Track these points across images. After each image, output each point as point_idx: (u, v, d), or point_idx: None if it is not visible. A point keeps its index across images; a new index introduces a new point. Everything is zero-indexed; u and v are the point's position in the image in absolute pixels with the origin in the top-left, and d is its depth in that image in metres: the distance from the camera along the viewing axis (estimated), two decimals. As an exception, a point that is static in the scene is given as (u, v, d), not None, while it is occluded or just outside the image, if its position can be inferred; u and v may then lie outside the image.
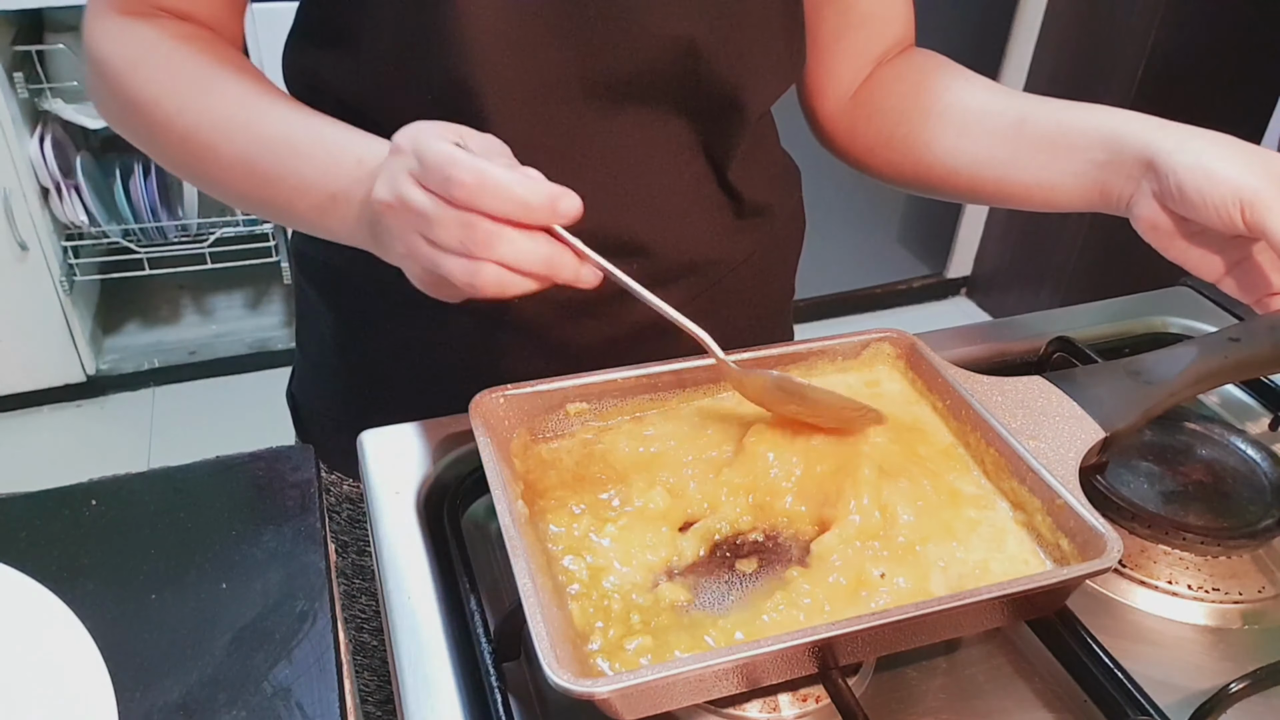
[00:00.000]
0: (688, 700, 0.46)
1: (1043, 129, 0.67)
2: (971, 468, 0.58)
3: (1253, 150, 0.58)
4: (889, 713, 0.50)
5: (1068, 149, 0.65)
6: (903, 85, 0.75)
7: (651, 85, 0.63)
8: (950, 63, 0.75)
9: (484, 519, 0.61)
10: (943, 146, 0.71)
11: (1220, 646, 0.55)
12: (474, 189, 0.46)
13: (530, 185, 0.47)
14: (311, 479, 0.61)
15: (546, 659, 0.41)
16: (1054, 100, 0.68)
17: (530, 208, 0.47)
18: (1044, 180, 0.67)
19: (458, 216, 0.47)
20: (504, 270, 0.48)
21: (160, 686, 0.49)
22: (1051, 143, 0.66)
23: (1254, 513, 0.60)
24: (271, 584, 0.55)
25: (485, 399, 0.56)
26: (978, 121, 0.70)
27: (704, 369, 0.61)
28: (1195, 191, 0.57)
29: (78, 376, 2.30)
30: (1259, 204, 0.55)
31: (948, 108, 0.72)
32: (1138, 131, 0.61)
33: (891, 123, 0.74)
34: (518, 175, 0.47)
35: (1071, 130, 0.65)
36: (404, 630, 0.51)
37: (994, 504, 0.56)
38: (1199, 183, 0.57)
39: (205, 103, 0.60)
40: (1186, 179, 0.57)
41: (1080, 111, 0.66)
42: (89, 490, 0.60)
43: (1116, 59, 2.17)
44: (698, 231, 0.70)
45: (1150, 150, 0.60)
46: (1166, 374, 0.59)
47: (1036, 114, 0.68)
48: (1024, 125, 0.68)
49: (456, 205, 0.47)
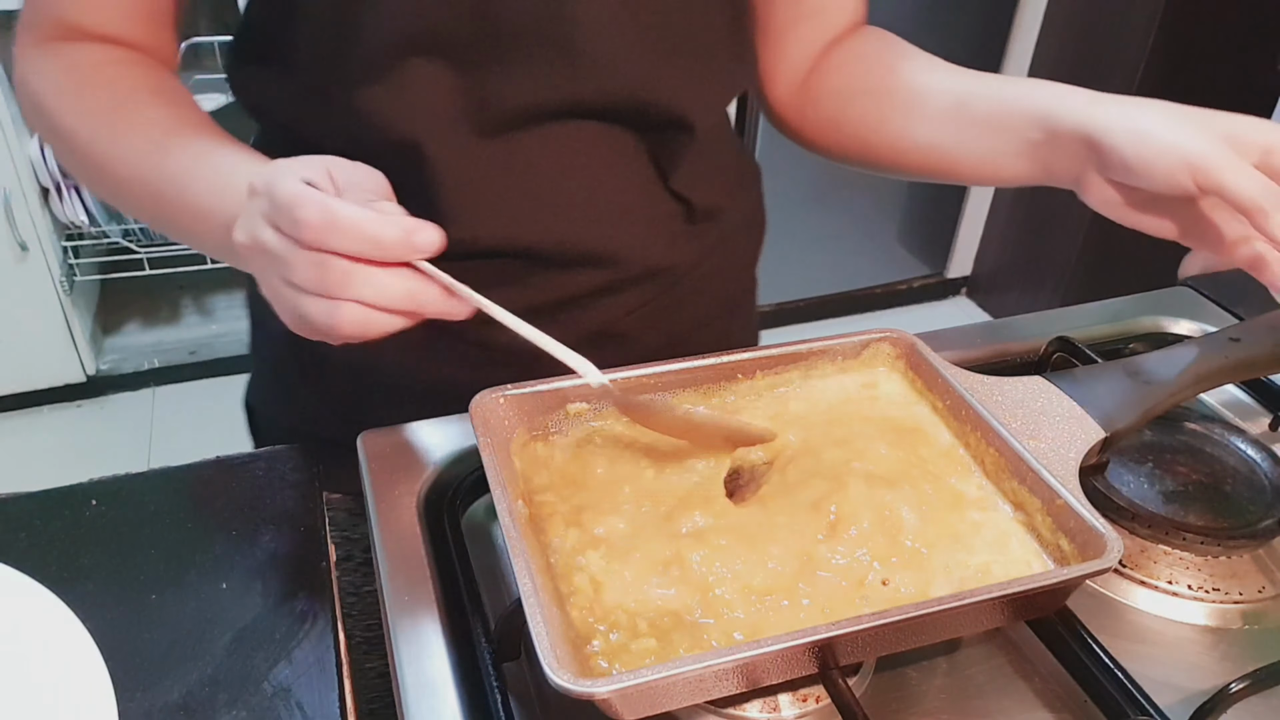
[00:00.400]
0: (688, 700, 0.46)
1: (983, 109, 0.67)
2: (972, 469, 0.58)
3: (1187, 111, 0.58)
4: (889, 713, 0.50)
5: (1007, 129, 0.66)
6: (851, 66, 0.75)
7: (594, 108, 0.63)
8: (898, 41, 0.76)
9: (484, 519, 0.61)
10: (890, 128, 0.72)
11: (1220, 646, 0.55)
12: (321, 229, 0.45)
13: (382, 222, 0.46)
14: (312, 479, 0.61)
15: (546, 659, 0.41)
16: (995, 77, 0.69)
17: (383, 245, 0.46)
18: (988, 160, 0.67)
19: (309, 257, 0.46)
20: (365, 309, 0.47)
21: (160, 686, 0.49)
22: (991, 123, 0.66)
23: (1254, 513, 0.60)
24: (271, 584, 0.55)
25: (485, 399, 0.56)
26: (923, 102, 0.70)
27: (705, 368, 0.61)
28: (1141, 163, 0.57)
29: (78, 377, 2.30)
30: (1208, 165, 0.55)
31: (894, 89, 0.72)
32: (1072, 109, 0.62)
33: (841, 104, 0.74)
34: (369, 212, 0.46)
35: (1010, 110, 0.65)
36: (404, 631, 0.51)
37: (995, 506, 0.56)
38: (1143, 154, 0.57)
39: (115, 132, 0.60)
40: (1130, 153, 0.57)
41: (1017, 89, 0.66)
42: (89, 490, 0.60)
43: (1117, 58, 2.17)
44: (650, 239, 0.70)
45: (1087, 128, 0.60)
46: (1167, 374, 0.59)
47: (977, 93, 0.68)
48: (965, 106, 0.68)
49: (306, 246, 0.46)
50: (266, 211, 0.48)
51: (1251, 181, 0.54)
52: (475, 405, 0.56)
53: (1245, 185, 0.54)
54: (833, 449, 0.58)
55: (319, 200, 0.46)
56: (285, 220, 0.46)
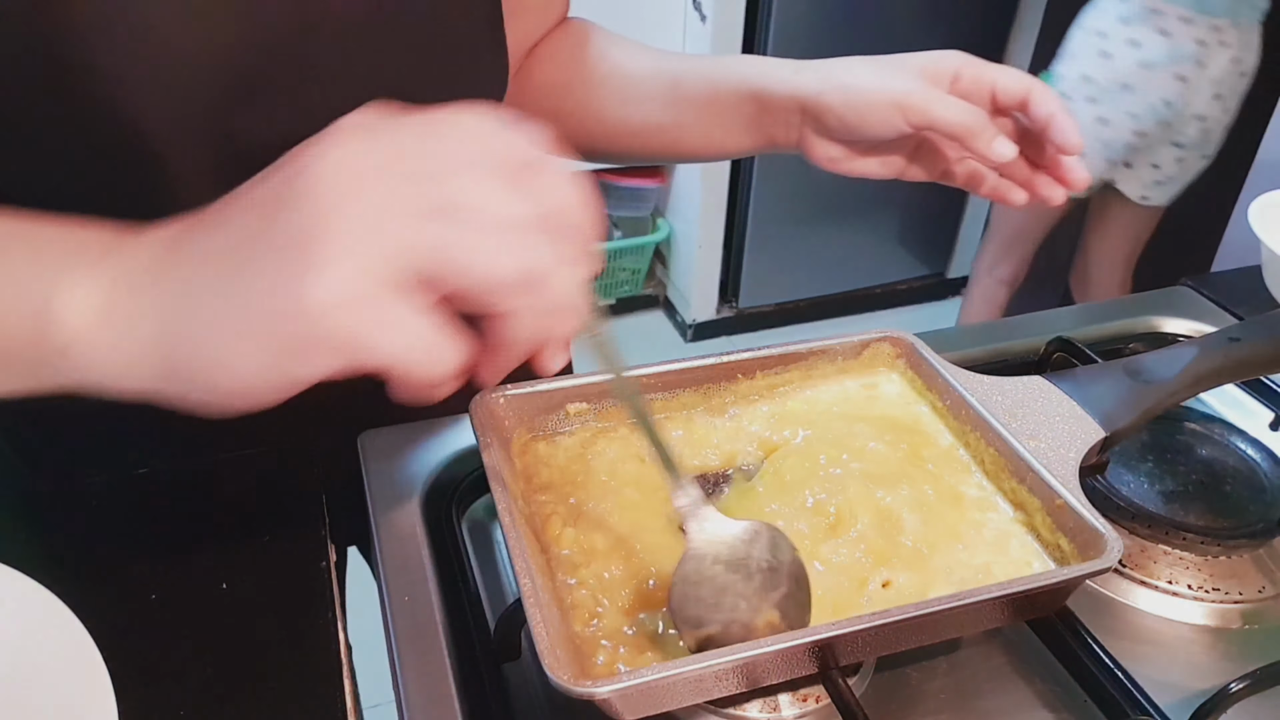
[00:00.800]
0: (688, 700, 0.46)
1: (696, 89, 0.70)
2: (972, 469, 0.58)
3: (882, 59, 0.63)
4: (889, 713, 0.50)
5: (721, 107, 0.69)
6: (561, 57, 0.75)
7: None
8: (600, 29, 0.77)
9: (484, 519, 0.61)
10: (609, 115, 0.73)
11: (1220, 646, 0.55)
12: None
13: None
14: (312, 479, 0.61)
15: (547, 660, 0.41)
16: (703, 58, 0.72)
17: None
18: (711, 138, 0.70)
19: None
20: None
21: (160, 686, 0.49)
22: (706, 102, 0.69)
23: (1254, 513, 0.60)
24: (271, 584, 0.55)
25: (485, 399, 0.56)
26: (636, 87, 0.72)
27: (705, 368, 0.61)
28: (856, 116, 0.61)
29: (78, 376, 2.30)
30: (914, 103, 0.59)
31: (606, 76, 0.73)
32: (780, 79, 0.65)
33: (558, 97, 0.75)
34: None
35: (721, 88, 0.69)
36: (404, 631, 0.51)
37: (995, 506, 0.56)
38: (856, 108, 0.61)
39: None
40: (844, 110, 0.62)
41: (726, 67, 0.69)
42: (89, 490, 0.60)
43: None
44: None
45: (797, 97, 0.64)
46: (1166, 374, 0.59)
47: (688, 75, 0.71)
48: (679, 88, 0.71)
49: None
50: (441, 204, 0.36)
51: (956, 109, 0.59)
52: (475, 405, 0.56)
53: (952, 114, 0.59)
54: (832, 449, 0.58)
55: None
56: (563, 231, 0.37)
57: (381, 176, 0.35)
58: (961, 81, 0.61)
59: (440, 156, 0.36)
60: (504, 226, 0.36)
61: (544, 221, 0.37)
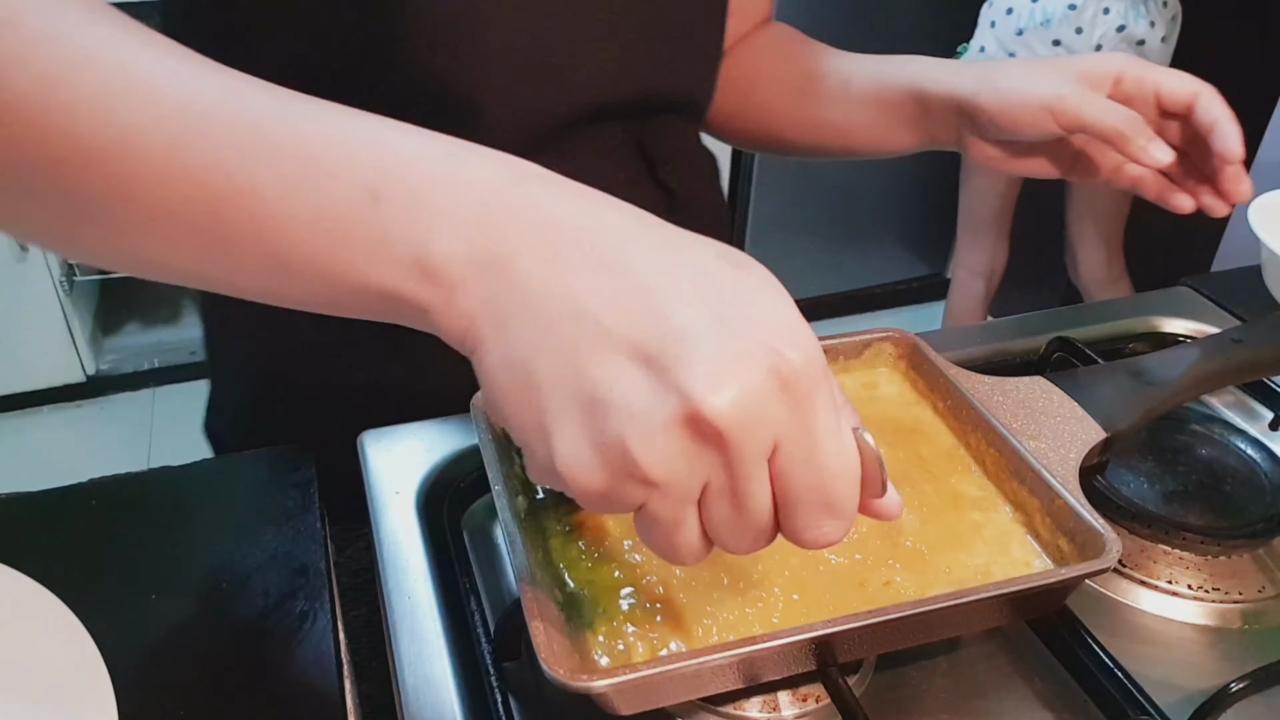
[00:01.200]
0: (685, 696, 0.46)
1: (864, 89, 0.73)
2: (973, 469, 0.58)
3: (1040, 62, 0.64)
4: (889, 712, 0.50)
5: (887, 105, 0.71)
6: (750, 57, 0.79)
7: (609, 107, 0.64)
8: (795, 32, 0.81)
9: (484, 519, 0.61)
10: (788, 112, 0.77)
11: (1220, 646, 0.55)
12: (837, 530, 0.35)
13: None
14: (311, 479, 0.61)
15: (544, 654, 0.41)
16: (874, 58, 0.74)
17: (846, 519, 0.36)
18: (877, 136, 0.73)
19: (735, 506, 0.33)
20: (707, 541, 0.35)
21: (160, 686, 0.49)
22: (873, 101, 0.72)
23: (1254, 513, 0.60)
24: (271, 584, 0.55)
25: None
26: (814, 87, 0.75)
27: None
28: (1008, 119, 0.63)
29: (78, 376, 2.30)
30: (1066, 106, 0.60)
31: (790, 75, 0.77)
32: (938, 80, 0.67)
33: (744, 92, 0.79)
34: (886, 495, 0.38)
35: (886, 88, 0.71)
36: (404, 630, 0.51)
37: (996, 506, 0.56)
38: (1008, 110, 0.63)
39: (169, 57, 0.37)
40: (996, 112, 0.63)
41: (891, 66, 0.72)
42: (89, 490, 0.60)
43: (1116, 59, 2.17)
44: None
45: (954, 97, 0.66)
46: (1168, 374, 0.59)
47: (858, 74, 0.73)
48: (850, 86, 0.73)
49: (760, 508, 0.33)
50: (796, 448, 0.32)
51: (1108, 112, 0.60)
52: (476, 403, 0.56)
53: (1103, 117, 0.59)
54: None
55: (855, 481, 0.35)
56: (817, 499, 0.33)
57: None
58: (1124, 84, 0.61)
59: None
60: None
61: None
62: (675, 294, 0.31)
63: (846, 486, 0.34)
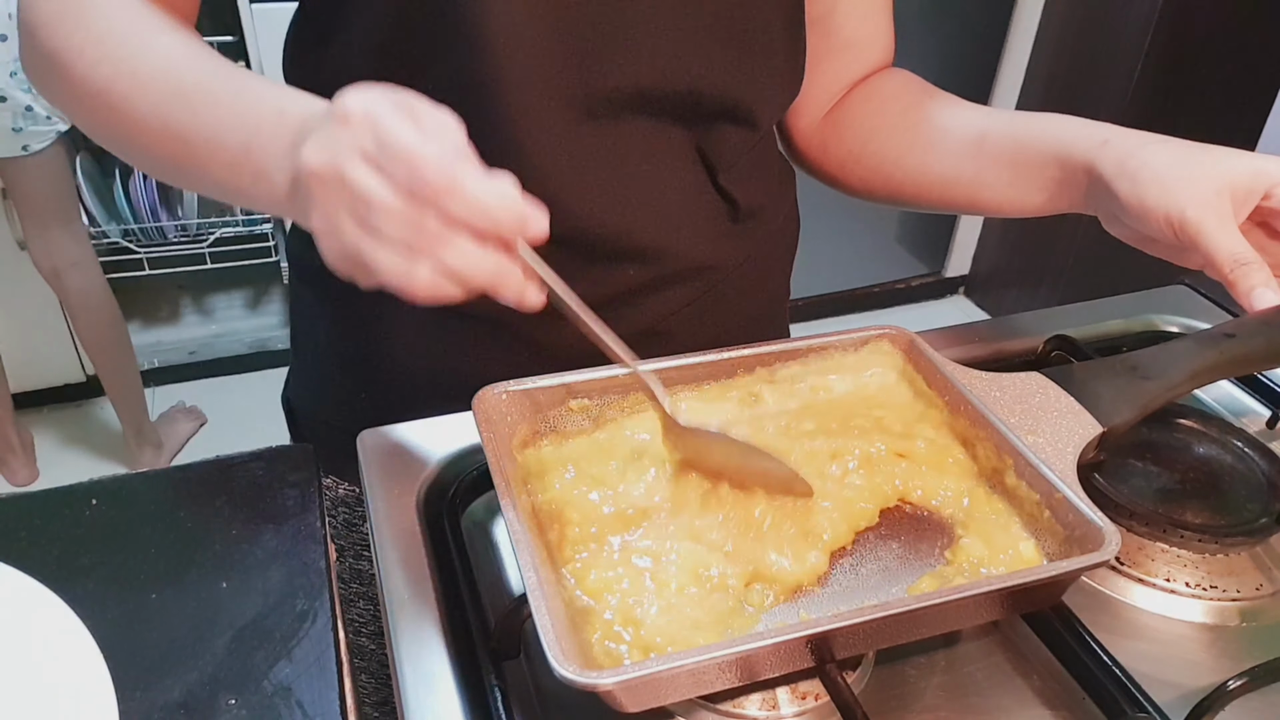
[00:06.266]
0: (690, 692, 0.46)
1: (1001, 146, 0.69)
2: (971, 464, 0.58)
3: (1199, 157, 0.60)
4: (888, 710, 0.50)
5: (1025, 165, 0.68)
6: (872, 104, 0.77)
7: (654, 98, 0.63)
8: (921, 81, 0.77)
9: (484, 519, 0.61)
10: (910, 164, 0.74)
11: (1218, 644, 0.55)
12: (440, 193, 0.43)
13: (504, 201, 0.44)
14: (311, 479, 0.61)
15: (551, 651, 0.42)
16: (1010, 114, 0.71)
17: (498, 224, 0.44)
18: (1011, 195, 0.70)
19: (409, 212, 0.43)
20: (442, 274, 0.44)
21: (160, 686, 0.49)
22: (1010, 160, 0.69)
23: (1251, 510, 0.60)
24: (271, 583, 0.55)
25: (488, 394, 0.56)
26: (942, 139, 0.72)
27: (702, 365, 0.61)
28: (1134, 217, 0.61)
29: (78, 376, 2.30)
30: (1187, 230, 0.58)
31: (914, 125, 0.74)
32: (1084, 151, 0.64)
33: (861, 140, 0.76)
34: (491, 186, 0.44)
35: (1027, 147, 0.68)
36: (404, 630, 0.51)
37: (994, 501, 0.56)
38: (1136, 209, 0.60)
39: (125, 53, 0.55)
40: (1125, 203, 0.61)
41: (1034, 126, 0.68)
42: (89, 490, 0.60)
43: (1113, 61, 2.17)
44: (695, 236, 0.70)
45: (1094, 172, 0.63)
46: (1163, 370, 0.59)
47: (994, 130, 0.70)
48: (984, 142, 0.70)
49: (413, 200, 0.43)
50: (368, 149, 0.44)
51: (1224, 246, 0.57)
52: (478, 401, 0.56)
53: (1217, 252, 0.57)
54: (830, 445, 0.58)
55: (442, 162, 0.43)
56: (399, 169, 0.43)
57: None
58: (1272, 199, 0.59)
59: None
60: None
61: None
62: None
63: (430, 159, 0.43)
